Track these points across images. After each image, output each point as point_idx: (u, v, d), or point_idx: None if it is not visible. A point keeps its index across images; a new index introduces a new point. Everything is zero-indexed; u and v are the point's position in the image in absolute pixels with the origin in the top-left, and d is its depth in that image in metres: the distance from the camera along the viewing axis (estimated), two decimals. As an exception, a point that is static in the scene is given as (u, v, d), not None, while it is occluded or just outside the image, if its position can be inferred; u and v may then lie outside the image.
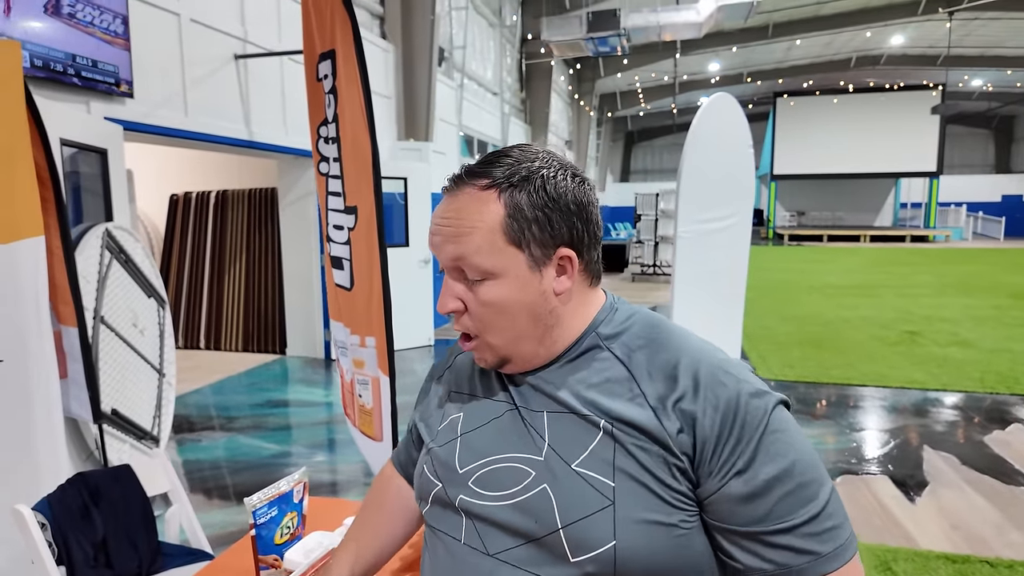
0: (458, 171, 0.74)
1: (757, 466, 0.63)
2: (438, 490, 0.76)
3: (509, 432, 0.74)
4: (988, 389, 4.42)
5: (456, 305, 0.73)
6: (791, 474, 0.63)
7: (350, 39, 1.70)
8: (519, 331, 0.72)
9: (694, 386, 0.66)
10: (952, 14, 14.46)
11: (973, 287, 9.55)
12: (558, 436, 0.70)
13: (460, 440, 0.77)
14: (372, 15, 6.38)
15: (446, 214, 0.72)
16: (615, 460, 0.66)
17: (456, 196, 0.72)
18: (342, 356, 1.98)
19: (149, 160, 6.28)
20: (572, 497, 0.66)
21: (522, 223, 0.69)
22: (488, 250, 0.69)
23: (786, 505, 0.63)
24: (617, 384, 0.70)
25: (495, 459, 0.73)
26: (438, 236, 0.72)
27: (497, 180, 0.70)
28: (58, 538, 1.46)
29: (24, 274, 2.06)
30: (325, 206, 1.93)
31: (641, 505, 0.64)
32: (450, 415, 0.81)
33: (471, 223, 0.70)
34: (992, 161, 27.49)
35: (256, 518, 1.12)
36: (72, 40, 3.03)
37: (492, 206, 0.69)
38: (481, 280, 0.70)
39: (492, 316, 0.71)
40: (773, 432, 0.64)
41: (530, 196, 0.69)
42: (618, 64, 15.88)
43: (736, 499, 0.63)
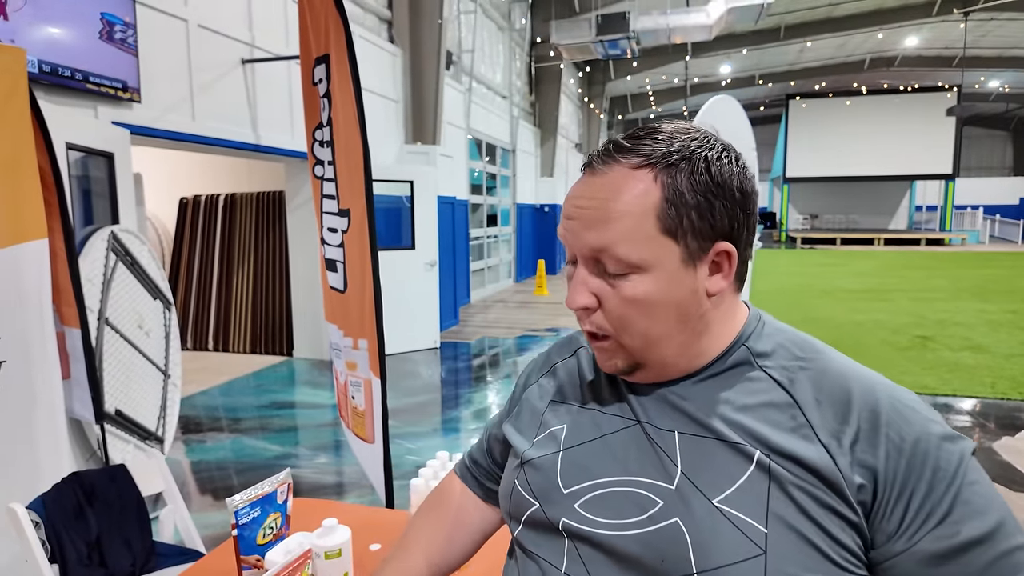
0: (603, 146, 0.63)
1: (955, 521, 0.53)
2: (534, 510, 0.68)
3: (629, 451, 0.64)
4: (1000, 395, 4.35)
5: (589, 301, 0.62)
6: (997, 536, 0.53)
7: (343, 43, 1.71)
8: (662, 333, 0.62)
9: (873, 420, 0.56)
10: (967, 14, 14.28)
11: (989, 291, 9.40)
12: (696, 464, 0.60)
13: (563, 455, 0.68)
14: (380, 19, 6.42)
15: (588, 194, 0.61)
16: (770, 501, 0.55)
17: (601, 174, 0.61)
18: (336, 358, 2.00)
19: (160, 164, 6.36)
20: (713, 539, 0.56)
21: (681, 209, 0.59)
22: (639, 239, 0.59)
23: (990, 574, 0.52)
24: (776, 410, 0.59)
25: (611, 481, 0.64)
26: (576, 221, 0.62)
27: (653, 157, 0.60)
28: (51, 537, 1.47)
29: (28, 276, 2.10)
30: (320, 209, 1.95)
31: (800, 561, 0.53)
32: (551, 426, 0.72)
33: (620, 207, 0.59)
34: (1010, 163, 27.09)
35: (238, 518, 1.13)
36: (80, 44, 3.08)
37: (647, 187, 0.59)
38: (624, 274, 0.60)
39: (633, 315, 0.61)
40: (972, 484, 0.54)
41: (691, 178, 0.59)
42: (628, 67, 15.85)
43: (926, 561, 0.53)
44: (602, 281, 0.62)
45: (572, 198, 0.63)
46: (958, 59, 17.83)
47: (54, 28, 2.94)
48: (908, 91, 21.55)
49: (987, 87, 21.98)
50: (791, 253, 17.91)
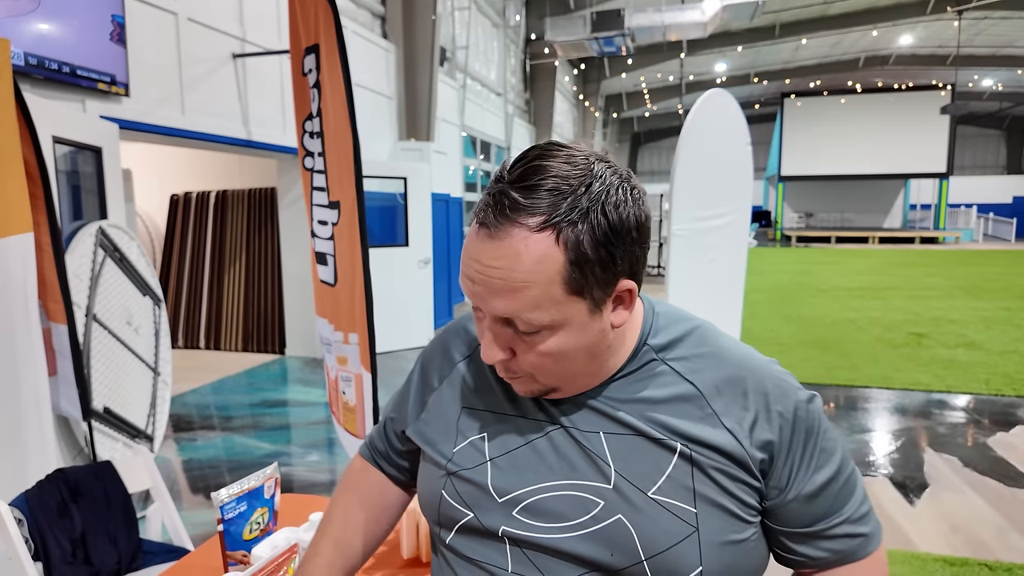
0: (496, 194, 0.59)
1: (817, 468, 0.66)
2: (468, 519, 0.69)
3: (559, 455, 0.67)
4: (994, 391, 4.35)
5: (504, 355, 0.64)
6: (842, 469, 0.68)
7: (332, 32, 1.68)
8: (576, 371, 0.65)
9: (765, 403, 0.65)
10: (961, 13, 14.33)
11: (983, 289, 9.44)
12: (626, 461, 0.65)
13: (491, 465, 0.69)
14: (373, 15, 6.39)
15: (489, 260, 0.59)
16: (695, 485, 0.63)
17: (502, 239, 0.58)
18: (327, 353, 1.97)
19: (150, 161, 6.31)
20: (655, 527, 0.63)
21: (585, 268, 0.58)
22: (546, 305, 0.59)
23: (841, 499, 0.67)
24: (686, 403, 0.66)
25: (548, 487, 0.66)
26: (480, 286, 0.60)
27: (553, 217, 0.57)
28: (35, 534, 1.44)
29: (12, 271, 2.06)
30: (310, 201, 1.92)
31: (723, 528, 0.63)
32: (469, 435, 0.72)
33: (526, 276, 0.58)
34: (1003, 162, 27.23)
35: (223, 513, 1.10)
36: (67, 38, 3.04)
37: (550, 251, 0.57)
38: (535, 332, 0.61)
39: (548, 364, 0.63)
40: (824, 432, 0.67)
41: (592, 232, 0.58)
42: (623, 64, 15.84)
43: (801, 501, 0.66)
44: (513, 335, 0.63)
45: (472, 260, 0.61)
46: (952, 58, 17.90)
47: (40, 21, 2.90)
48: (902, 89, 21.61)
49: (981, 86, 22.08)
50: (786, 251, 17.95)
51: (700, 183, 2.79)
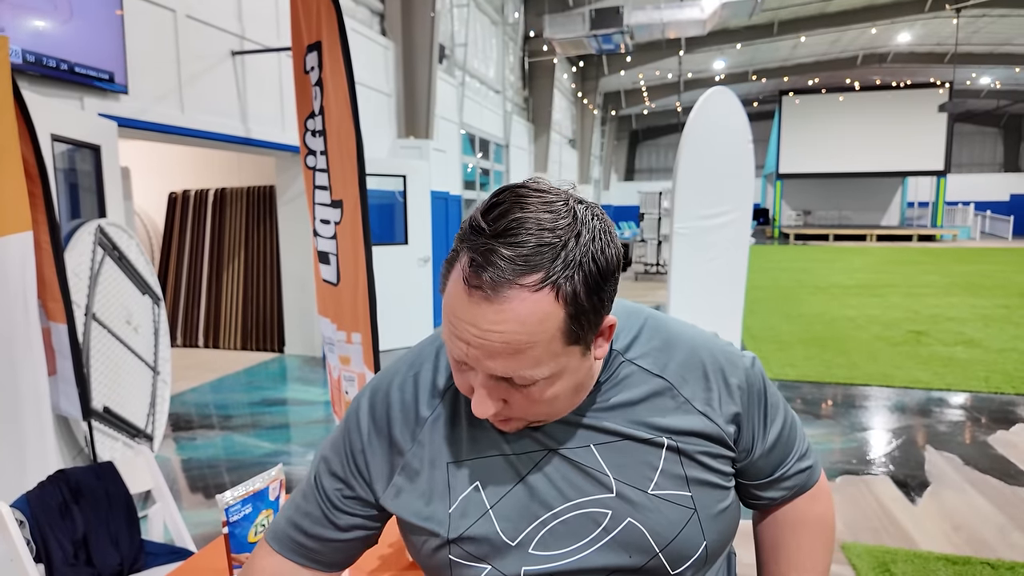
0: (483, 252, 0.55)
1: (771, 423, 0.76)
2: (487, 572, 0.67)
3: (559, 481, 0.67)
4: (994, 389, 4.36)
5: (498, 408, 0.62)
6: (786, 416, 0.78)
7: (335, 30, 1.67)
8: (566, 406, 0.66)
9: (724, 379, 0.72)
10: (959, 11, 14.33)
11: (981, 286, 9.46)
12: (621, 467, 0.67)
13: (494, 512, 0.67)
14: (372, 12, 6.36)
15: (492, 327, 0.56)
16: (685, 472, 0.69)
17: (501, 304, 0.55)
18: (329, 352, 1.96)
19: (148, 158, 6.28)
20: (662, 520, 0.67)
21: (582, 318, 0.58)
22: (547, 360, 0.59)
23: (791, 442, 0.78)
24: (660, 397, 0.70)
25: (554, 514, 0.67)
26: (479, 351, 0.58)
27: (551, 274, 0.55)
28: (36, 535, 1.43)
29: (11, 270, 2.05)
30: (312, 200, 1.91)
31: (713, 500, 0.70)
32: (463, 490, 0.69)
33: (529, 338, 0.56)
34: (1000, 160, 27.26)
35: (229, 515, 1.09)
36: (65, 35, 3.02)
37: (550, 309, 0.56)
38: (531, 383, 0.60)
39: (541, 408, 0.63)
40: (768, 389, 0.76)
41: (586, 282, 0.57)
42: (622, 62, 15.82)
43: (764, 456, 0.76)
44: (507, 387, 0.61)
45: (468, 324, 0.57)
46: (950, 55, 17.90)
47: (38, 18, 2.88)
48: (900, 87, 21.63)
49: (978, 84, 22.09)
50: (784, 249, 17.96)
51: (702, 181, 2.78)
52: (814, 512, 0.82)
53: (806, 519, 0.81)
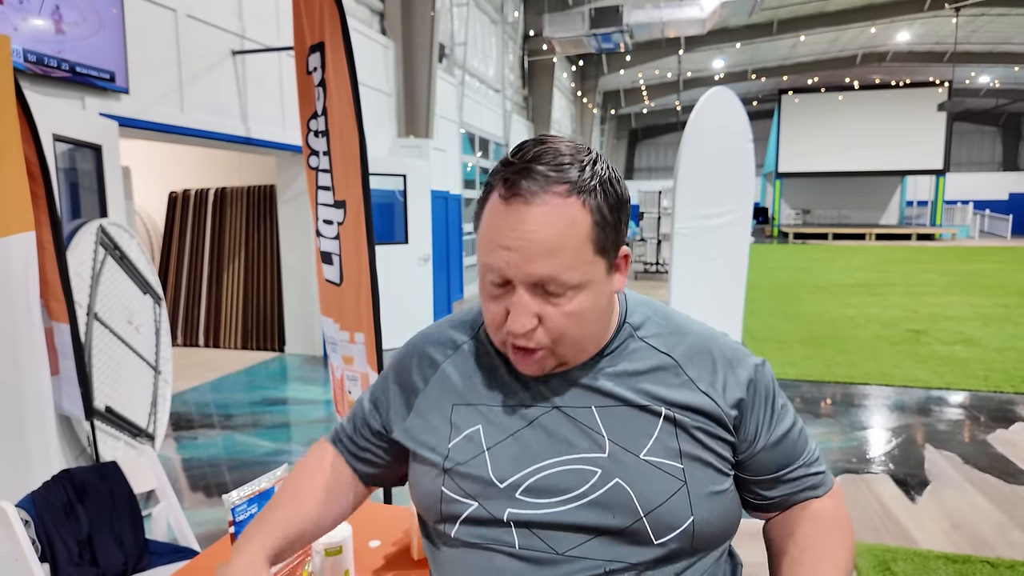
0: (519, 170, 0.65)
1: (778, 422, 0.77)
2: (473, 509, 0.71)
3: (556, 435, 0.71)
4: (993, 388, 4.37)
5: (534, 323, 0.67)
6: (795, 424, 0.79)
7: (338, 30, 1.67)
8: (590, 335, 0.71)
9: (731, 368, 0.75)
10: (958, 10, 14.34)
11: (980, 285, 9.47)
12: (617, 429, 0.71)
13: (488, 453, 0.72)
14: (372, 11, 6.36)
15: (532, 228, 0.64)
16: (680, 445, 0.70)
17: (539, 206, 0.64)
18: (332, 352, 1.96)
19: (148, 158, 6.28)
20: (649, 486, 0.69)
21: (606, 228, 0.67)
22: (580, 264, 0.65)
23: (798, 448, 0.78)
24: (664, 372, 0.73)
25: (546, 465, 0.70)
26: (516, 252, 0.64)
27: (577, 185, 0.65)
28: (41, 535, 1.44)
29: (14, 270, 2.05)
30: (315, 200, 1.91)
31: (707, 480, 0.71)
32: (464, 429, 0.74)
33: (562, 239, 0.64)
34: (999, 158, 27.29)
35: (235, 515, 1.10)
36: (66, 35, 3.02)
37: (579, 214, 0.65)
38: (563, 293, 0.66)
39: (572, 327, 0.68)
40: (778, 392, 0.78)
41: (606, 199, 0.67)
42: (621, 61, 15.82)
43: (768, 450, 0.76)
44: (542, 301, 0.67)
45: (509, 229, 0.65)
46: (949, 54, 17.92)
47: (39, 17, 2.88)
48: (899, 86, 21.64)
49: (977, 83, 22.10)
50: (783, 248, 17.97)
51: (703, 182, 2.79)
52: (829, 508, 0.79)
53: (820, 514, 0.78)
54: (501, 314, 0.69)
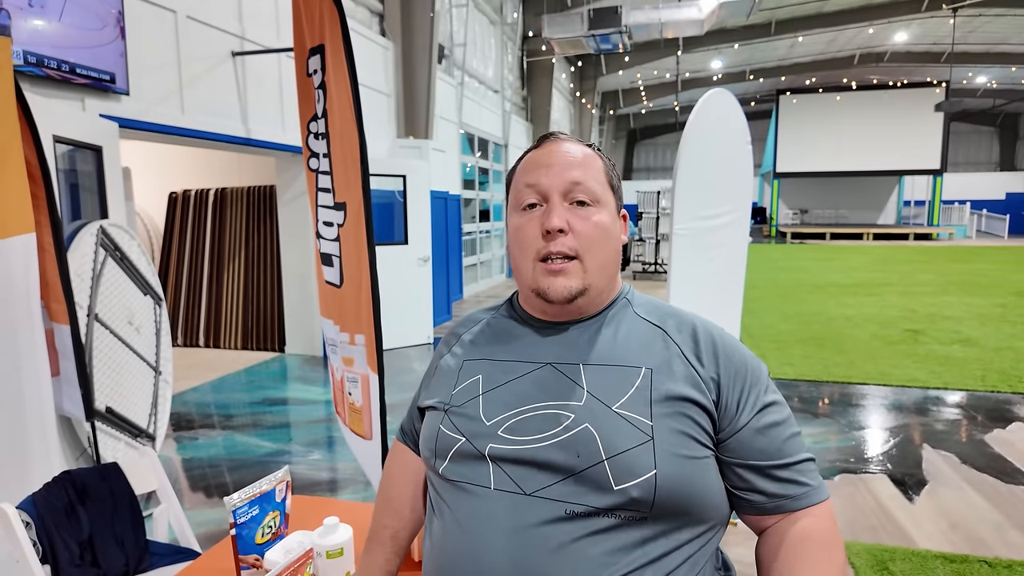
0: (551, 135, 0.90)
1: (765, 411, 0.80)
2: (461, 444, 0.80)
3: (544, 384, 0.81)
4: (990, 388, 4.39)
5: (565, 224, 0.82)
6: (788, 425, 0.81)
7: (338, 33, 1.68)
8: (608, 260, 0.85)
9: (714, 346, 0.81)
10: (956, 11, 14.37)
11: (977, 285, 9.50)
12: (598, 384, 0.79)
13: (482, 397, 0.83)
14: (371, 12, 6.36)
15: (568, 149, 0.86)
16: (652, 402, 0.76)
17: (572, 142, 0.88)
18: (332, 354, 1.97)
19: (148, 158, 6.28)
20: (615, 433, 0.74)
21: (610, 177, 0.89)
22: (601, 181, 0.86)
23: (787, 448, 0.79)
24: (652, 340, 0.82)
25: (528, 408, 0.79)
26: (557, 166, 0.84)
27: (592, 146, 0.90)
28: (42, 537, 1.44)
29: (15, 271, 2.05)
30: (315, 202, 1.92)
31: (677, 443, 0.75)
32: (467, 378, 0.87)
33: (588, 158, 0.86)
34: (996, 158, 27.34)
35: (236, 517, 1.10)
36: (66, 36, 3.02)
37: (596, 156, 0.88)
38: (589, 204, 0.83)
39: (597, 236, 0.82)
40: (774, 391, 0.83)
41: (611, 168, 0.90)
42: (620, 62, 15.83)
43: (751, 433, 0.78)
44: (571, 212, 0.83)
45: (546, 155, 0.86)
46: (946, 55, 17.95)
47: (40, 18, 2.88)
48: (897, 87, 21.68)
49: (975, 83, 22.14)
50: (781, 248, 18.00)
51: (702, 183, 2.79)
52: (820, 531, 0.78)
53: (811, 537, 0.77)
54: (535, 228, 0.83)
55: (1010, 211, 22.96)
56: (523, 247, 0.84)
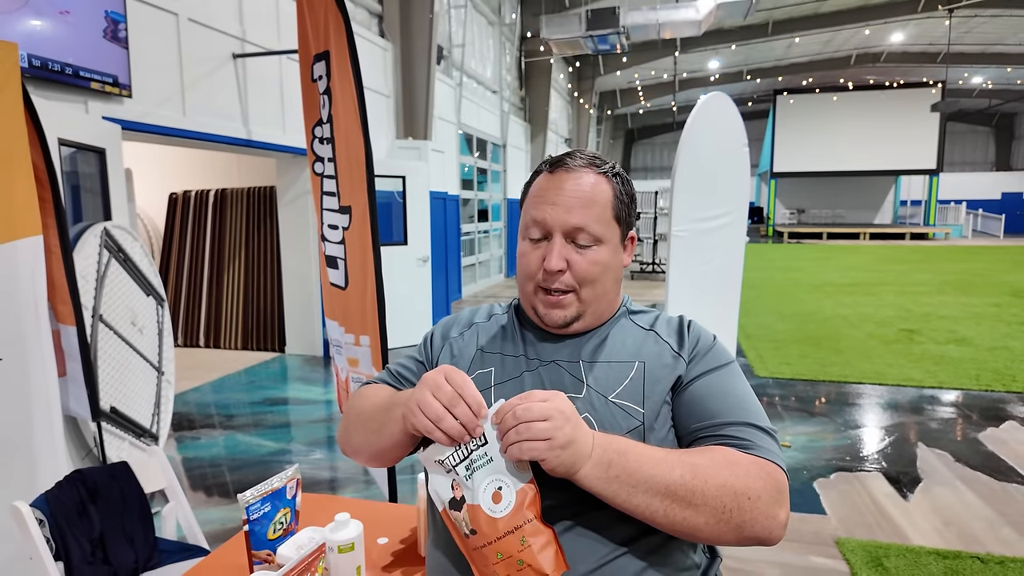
0: (564, 158, 0.91)
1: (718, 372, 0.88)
2: None
3: (549, 379, 0.89)
4: (984, 387, 4.43)
5: (564, 265, 0.87)
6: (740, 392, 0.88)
7: (344, 40, 1.71)
8: (606, 289, 0.91)
9: (696, 339, 0.92)
10: (952, 11, 14.44)
11: (972, 285, 9.55)
12: (597, 378, 0.88)
13: (494, 389, 0.91)
14: (371, 13, 6.39)
15: (571, 187, 0.88)
16: (644, 389, 0.86)
17: (579, 173, 0.89)
18: (337, 355, 2.00)
19: (148, 159, 6.29)
20: (612, 420, 0.84)
21: (621, 204, 0.91)
22: (603, 220, 0.88)
23: (732, 412, 0.84)
24: (645, 340, 0.92)
25: None
26: (559, 206, 0.87)
27: (605, 168, 0.91)
28: (55, 534, 1.47)
29: (22, 273, 2.08)
30: (320, 206, 1.95)
31: (660, 422, 0.84)
32: (481, 368, 0.94)
33: (594, 197, 0.88)
34: (992, 158, 27.46)
35: (249, 514, 1.13)
36: (70, 39, 3.04)
37: (605, 185, 0.90)
38: (590, 245, 0.88)
39: (594, 275, 0.88)
40: (735, 375, 0.90)
41: (622, 187, 0.92)
42: (618, 62, 15.86)
43: (700, 385, 0.87)
44: (572, 250, 0.88)
45: (551, 189, 0.89)
46: (942, 55, 18.02)
47: (43, 21, 2.90)
48: (893, 87, 21.76)
49: (971, 83, 22.23)
50: (778, 248, 18.06)
51: (699, 185, 2.83)
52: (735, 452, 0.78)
53: (721, 450, 0.79)
54: (537, 261, 0.89)
55: (1005, 211, 23.07)
56: (526, 273, 0.91)
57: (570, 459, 0.72)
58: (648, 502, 0.73)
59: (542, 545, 0.72)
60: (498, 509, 0.73)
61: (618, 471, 0.73)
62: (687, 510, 0.73)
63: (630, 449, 0.76)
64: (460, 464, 0.75)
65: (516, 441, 0.72)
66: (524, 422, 0.71)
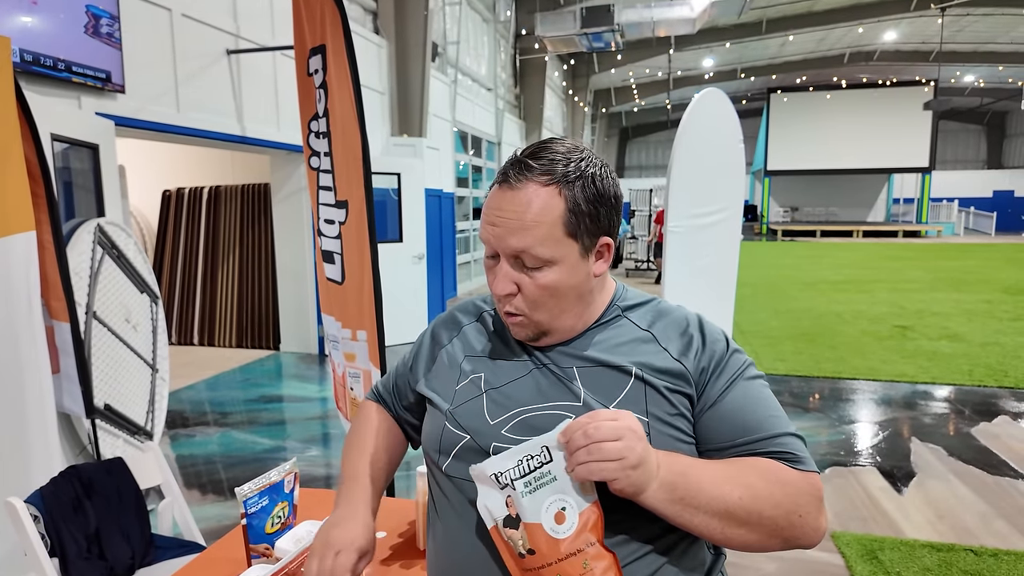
0: (514, 163, 0.80)
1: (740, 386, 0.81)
2: (466, 441, 0.83)
3: (542, 386, 0.83)
4: (977, 382, 4.47)
5: (512, 288, 0.80)
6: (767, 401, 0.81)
7: (340, 33, 1.71)
8: (564, 308, 0.82)
9: (703, 340, 0.83)
10: (944, 10, 14.52)
11: (964, 282, 9.62)
12: (593, 386, 0.81)
13: (485, 395, 0.85)
14: (365, 10, 6.37)
15: (508, 207, 0.78)
16: (647, 404, 0.79)
17: (519, 191, 0.78)
18: (334, 350, 2.00)
19: (142, 156, 6.26)
20: None
21: (579, 216, 0.78)
22: (549, 242, 0.77)
23: (769, 423, 0.78)
24: (643, 343, 0.83)
25: (530, 408, 0.81)
26: (499, 228, 0.79)
27: (557, 176, 0.78)
28: (51, 530, 1.46)
29: (15, 269, 2.07)
30: (316, 200, 1.94)
31: (668, 442, 0.77)
32: (470, 375, 0.88)
33: (536, 218, 0.77)
34: (984, 156, 27.65)
35: (247, 507, 1.13)
36: (62, 35, 3.02)
37: (554, 201, 0.77)
38: (539, 267, 0.79)
39: (545, 297, 0.80)
40: (752, 378, 0.83)
41: (584, 191, 0.78)
42: (612, 60, 15.87)
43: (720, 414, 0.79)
44: (520, 272, 0.80)
45: (493, 208, 0.80)
46: (935, 54, 18.12)
47: (35, 17, 2.88)
48: (886, 85, 21.87)
49: (963, 82, 22.37)
50: (772, 245, 18.13)
51: (695, 182, 2.84)
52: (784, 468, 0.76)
53: (770, 465, 0.76)
54: (492, 280, 0.82)
55: (997, 208, 23.24)
56: (490, 288, 0.85)
57: (640, 480, 0.70)
58: (708, 522, 0.72)
59: (603, 570, 0.71)
60: (560, 530, 0.71)
61: (682, 493, 0.72)
62: (742, 528, 0.73)
63: (689, 469, 0.73)
64: (519, 480, 0.72)
65: (586, 461, 0.68)
66: (595, 442, 0.68)
